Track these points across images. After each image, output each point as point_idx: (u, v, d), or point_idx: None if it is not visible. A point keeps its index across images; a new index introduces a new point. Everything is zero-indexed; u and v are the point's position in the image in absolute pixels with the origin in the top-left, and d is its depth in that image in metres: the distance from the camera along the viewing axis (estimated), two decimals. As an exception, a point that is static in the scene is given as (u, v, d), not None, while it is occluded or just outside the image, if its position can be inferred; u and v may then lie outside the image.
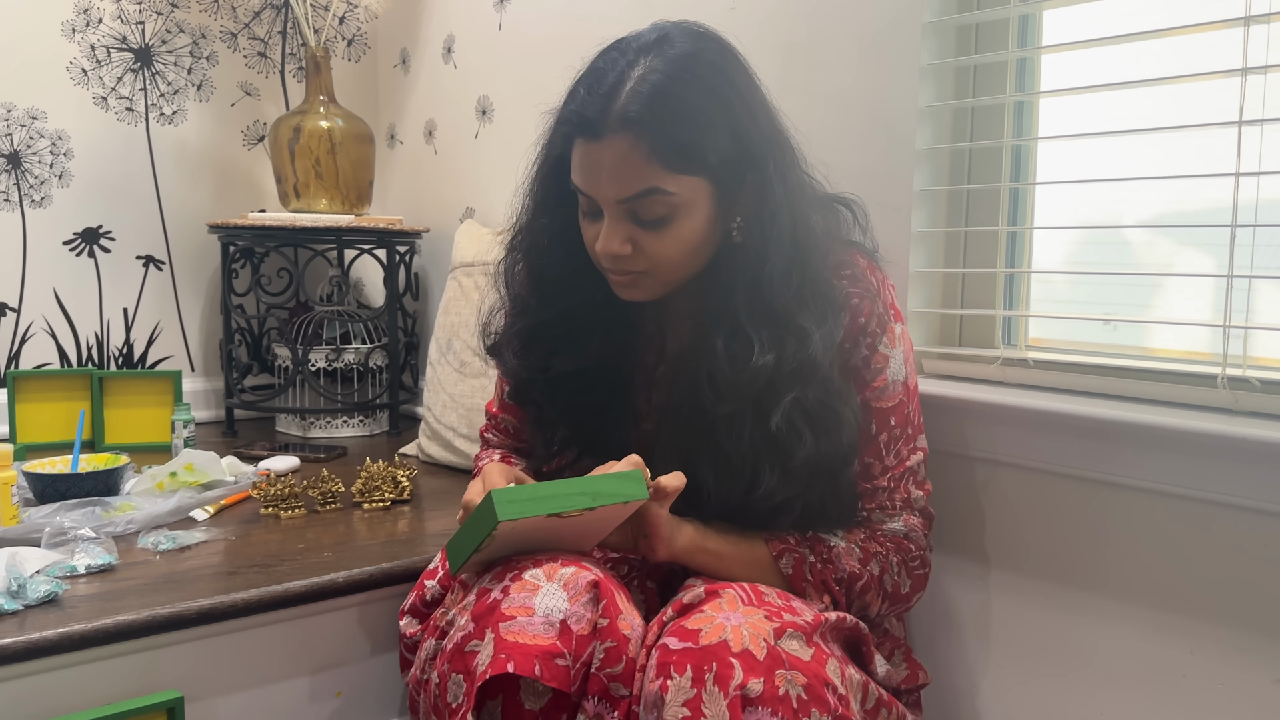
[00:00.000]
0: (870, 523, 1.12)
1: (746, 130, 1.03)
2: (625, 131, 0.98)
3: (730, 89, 1.03)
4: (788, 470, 1.03)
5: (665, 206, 1.01)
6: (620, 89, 0.99)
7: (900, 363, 1.12)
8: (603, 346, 1.14)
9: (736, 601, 0.93)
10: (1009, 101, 1.29)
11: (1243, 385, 1.09)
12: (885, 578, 1.09)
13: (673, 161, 0.99)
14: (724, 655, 0.86)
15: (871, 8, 1.35)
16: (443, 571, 1.16)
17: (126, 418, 2.01)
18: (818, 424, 1.03)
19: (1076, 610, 1.19)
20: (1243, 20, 1.06)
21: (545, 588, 0.93)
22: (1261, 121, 1.05)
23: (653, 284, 1.07)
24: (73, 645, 1.07)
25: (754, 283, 1.04)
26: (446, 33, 2.22)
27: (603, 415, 1.16)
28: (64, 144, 2.12)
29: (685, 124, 0.99)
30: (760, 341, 1.03)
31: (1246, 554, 1.05)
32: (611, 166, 1.00)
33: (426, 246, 2.33)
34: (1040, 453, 1.19)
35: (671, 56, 1.01)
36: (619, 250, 1.03)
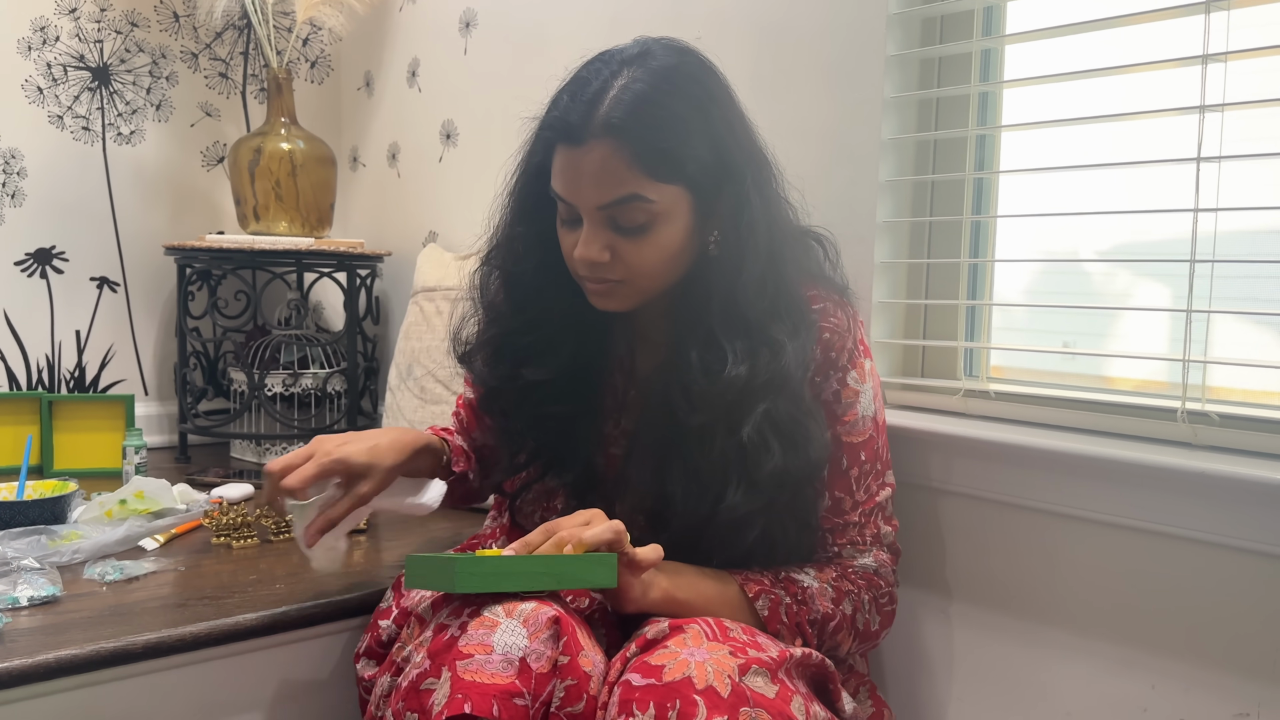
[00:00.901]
0: (841, 559, 1.12)
1: (725, 142, 1.04)
2: (607, 137, 0.99)
3: (711, 101, 1.04)
4: (754, 483, 1.03)
5: (645, 214, 1.02)
6: (604, 96, 1.00)
7: (870, 398, 1.12)
8: (573, 358, 1.13)
9: (701, 637, 0.91)
10: (970, 135, 1.30)
11: (1202, 419, 1.09)
12: (858, 616, 1.09)
13: (653, 169, 1.00)
14: (688, 693, 0.85)
15: (835, 41, 1.36)
16: (397, 611, 1.13)
17: (76, 442, 1.96)
18: (786, 437, 1.04)
19: (1039, 643, 1.19)
20: (1200, 59, 1.07)
21: (504, 624, 0.90)
22: (1219, 158, 1.07)
23: (629, 293, 1.07)
24: (12, 681, 1.03)
25: (729, 294, 1.04)
26: (411, 56, 2.21)
27: (570, 430, 1.15)
28: (17, 163, 2.08)
29: (667, 132, 1.00)
30: (734, 352, 1.03)
31: (1207, 588, 1.05)
32: (593, 172, 1.00)
33: (388, 270, 2.30)
34: (1002, 485, 1.20)
35: (654, 68, 1.02)
36: (597, 257, 1.03)
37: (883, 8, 1.31)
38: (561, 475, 1.15)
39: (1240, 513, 1.01)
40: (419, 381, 1.88)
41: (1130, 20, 1.15)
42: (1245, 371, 1.13)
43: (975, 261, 1.32)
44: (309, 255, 2.07)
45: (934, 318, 1.37)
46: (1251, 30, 1.08)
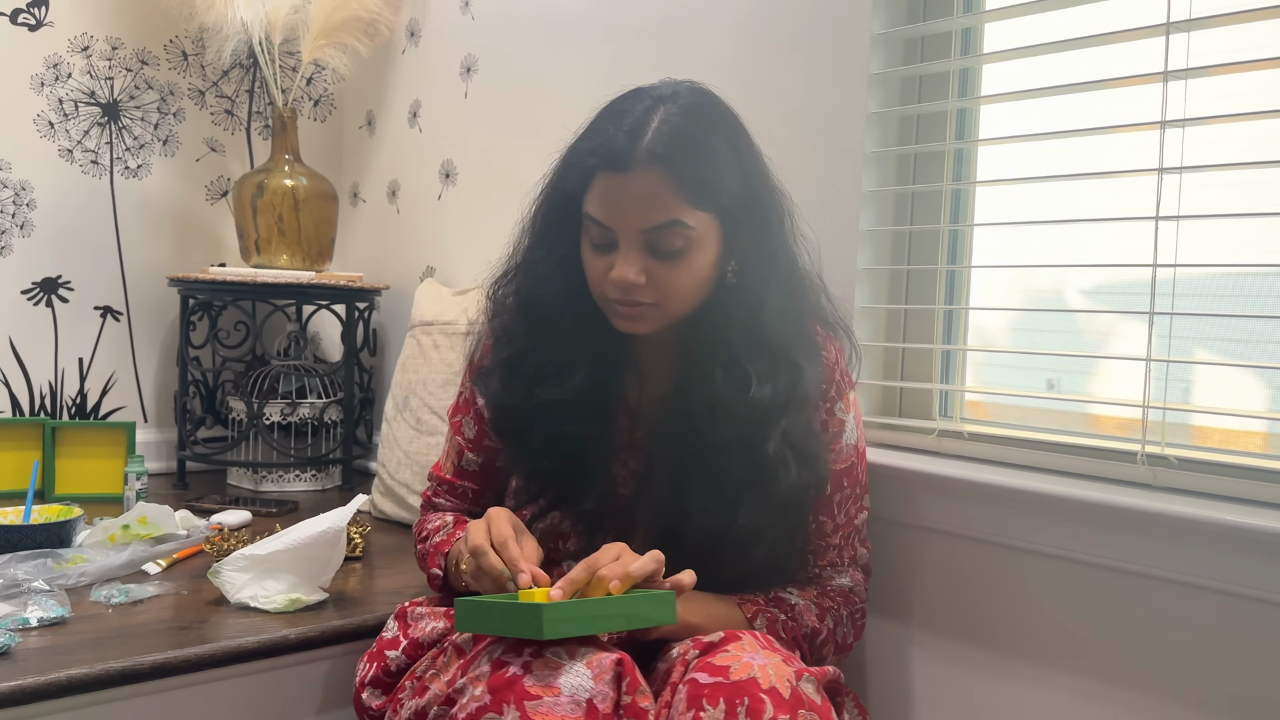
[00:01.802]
0: (820, 579, 1.20)
1: (752, 176, 1.12)
2: (653, 166, 1.05)
3: (739, 137, 1.13)
4: (769, 497, 1.10)
5: (683, 239, 1.07)
6: (646, 127, 1.07)
7: (853, 427, 1.20)
8: (588, 380, 1.16)
9: (755, 645, 0.97)
10: (946, 189, 1.37)
11: (1161, 462, 1.16)
12: (838, 630, 1.18)
13: (693, 196, 1.06)
14: (755, 691, 0.91)
15: (819, 96, 1.43)
16: (406, 641, 1.15)
17: (78, 468, 2.01)
18: (801, 454, 1.11)
19: (1008, 676, 1.24)
20: (1159, 124, 1.15)
21: (569, 665, 0.94)
22: (1177, 217, 1.14)
23: (657, 316, 1.12)
24: (25, 698, 1.08)
25: (752, 319, 1.12)
26: (413, 98, 2.28)
27: (583, 457, 1.17)
28: (27, 194, 2.14)
29: (705, 162, 1.07)
30: (757, 374, 1.10)
31: (1167, 624, 1.11)
32: (638, 198, 1.06)
33: (385, 303, 2.36)
34: (973, 522, 1.25)
35: (687, 105, 1.10)
36: (635, 279, 1.08)
37: (863, 69, 1.38)
38: (572, 508, 1.18)
39: (1196, 552, 1.07)
40: (415, 413, 1.94)
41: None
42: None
43: (950, 308, 1.39)
44: (310, 288, 2.13)
45: (911, 361, 1.43)
46: (1210, 99, 1.16)
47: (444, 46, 2.18)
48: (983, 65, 1.36)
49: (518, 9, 1.99)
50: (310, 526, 1.37)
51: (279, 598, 1.34)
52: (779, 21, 1.49)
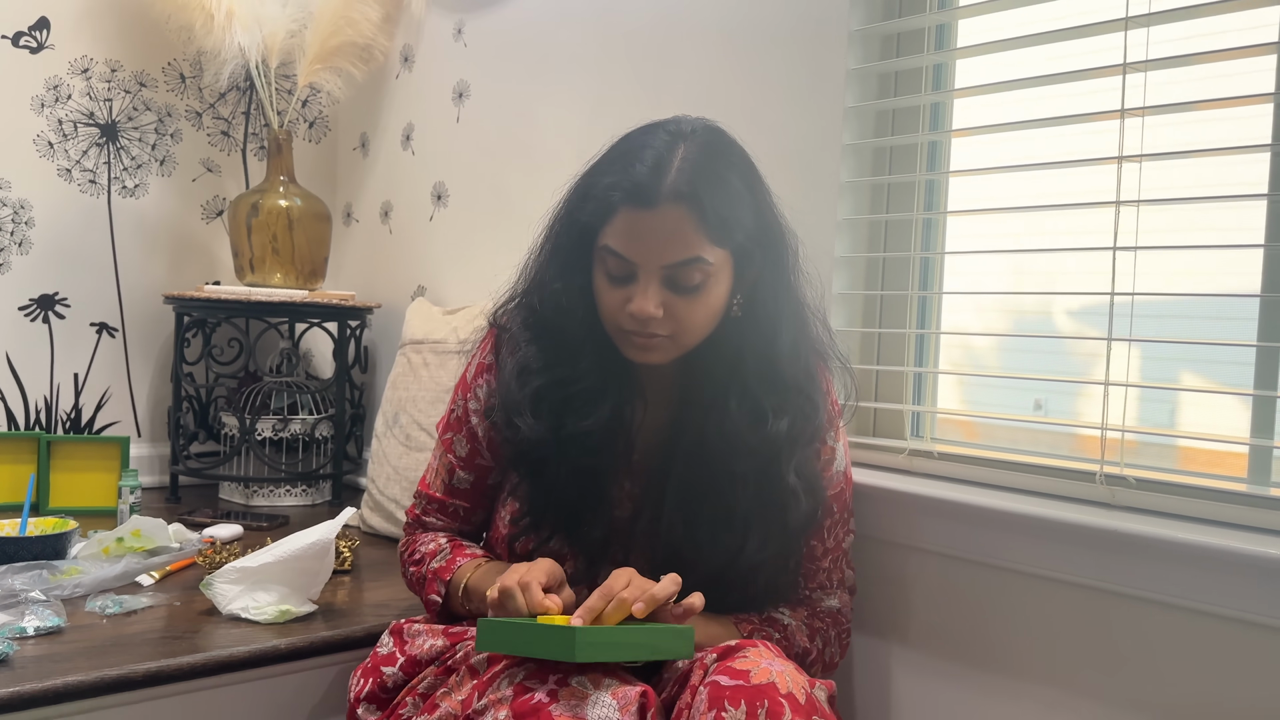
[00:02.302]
0: (811, 600, 1.25)
1: (765, 213, 1.16)
2: (678, 203, 1.08)
3: (753, 175, 1.16)
4: (778, 528, 1.15)
5: (701, 274, 1.10)
6: (669, 164, 1.09)
7: (842, 454, 1.26)
8: (613, 409, 1.17)
9: (771, 654, 1.01)
10: (917, 218, 1.43)
11: (1119, 482, 1.21)
12: (826, 650, 1.23)
13: (714, 234, 1.09)
14: (774, 695, 0.95)
15: (797, 128, 1.49)
16: (403, 658, 1.17)
17: (72, 482, 2.04)
18: (810, 486, 1.17)
19: (977, 688, 1.29)
20: (1115, 159, 1.20)
21: (594, 696, 0.96)
22: (1135, 248, 1.19)
23: (670, 347, 1.15)
24: (22, 704, 1.12)
25: (766, 353, 1.16)
26: (406, 121, 2.34)
27: (594, 486, 1.18)
28: (26, 212, 2.18)
29: (725, 200, 1.10)
30: (773, 408, 1.15)
31: (1123, 635, 1.16)
32: (663, 234, 1.08)
33: (377, 321, 2.41)
34: (941, 538, 1.30)
35: (705, 142, 1.13)
36: (654, 312, 1.10)
37: (839, 101, 1.44)
38: (578, 536, 1.18)
39: (1151, 568, 1.12)
40: (404, 429, 1.98)
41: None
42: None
43: (921, 333, 1.44)
44: (303, 306, 2.17)
45: (884, 382, 1.49)
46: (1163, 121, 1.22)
47: (437, 72, 2.24)
48: (954, 100, 1.42)
49: (509, 38, 2.05)
50: (300, 539, 1.41)
51: (269, 609, 1.38)
52: (759, 55, 1.55)
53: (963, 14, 1.39)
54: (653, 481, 1.20)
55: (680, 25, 1.68)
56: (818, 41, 1.47)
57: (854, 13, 1.43)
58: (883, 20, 1.44)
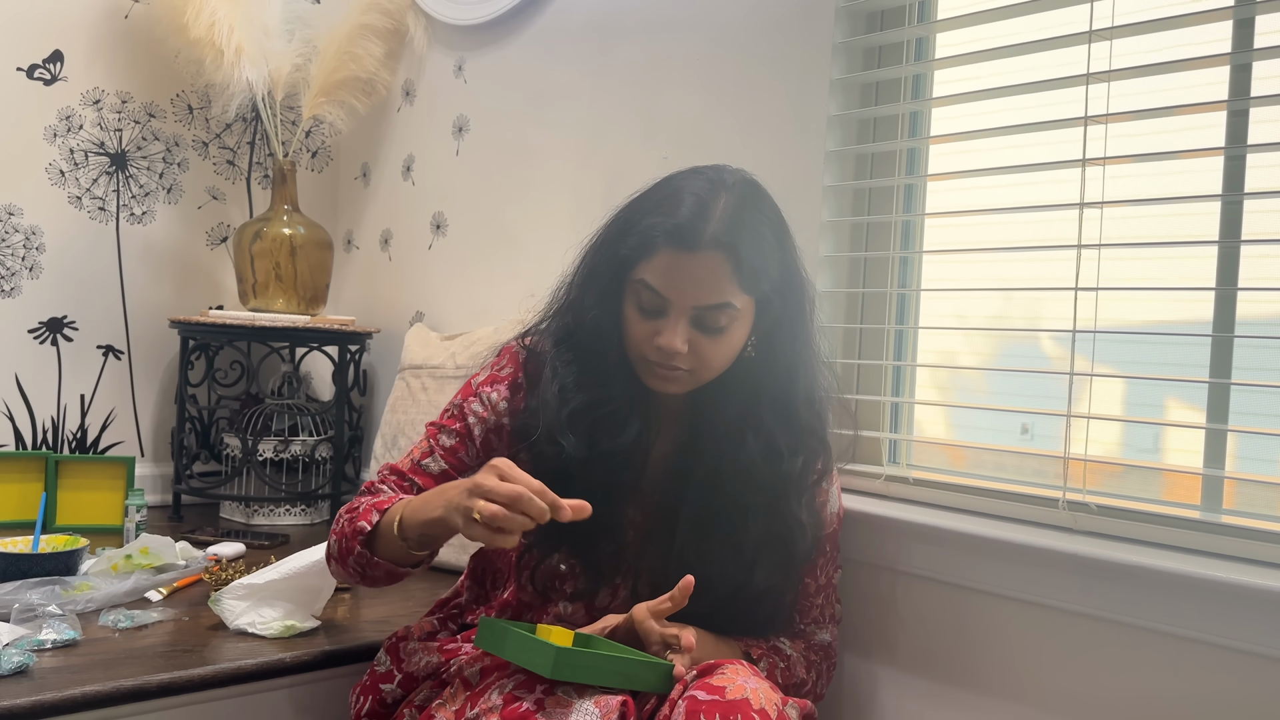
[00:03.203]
0: (806, 634, 1.32)
1: (790, 265, 1.23)
2: (717, 251, 1.14)
3: (782, 228, 1.23)
4: (783, 560, 1.22)
5: (728, 318, 1.17)
6: (712, 212, 1.16)
7: (835, 496, 1.33)
8: (639, 431, 1.23)
9: (748, 672, 1.08)
10: (894, 256, 1.51)
11: (1081, 508, 1.28)
12: (818, 684, 1.31)
13: (745, 282, 1.16)
14: (747, 710, 1.01)
15: (780, 168, 1.57)
16: (401, 675, 1.24)
17: (79, 500, 2.10)
18: (814, 520, 1.25)
19: (945, 702, 1.36)
20: (1077, 205, 1.29)
21: (579, 704, 1.03)
22: (1096, 289, 1.28)
23: (690, 381, 1.21)
24: (44, 713, 1.18)
25: (784, 395, 1.23)
26: (407, 153, 2.42)
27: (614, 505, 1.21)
28: (37, 238, 2.25)
29: (758, 251, 1.17)
30: (787, 446, 1.22)
31: (1085, 654, 1.23)
32: (700, 278, 1.15)
33: (376, 346, 2.48)
34: (915, 560, 1.38)
35: (743, 195, 1.19)
36: (680, 348, 1.17)
37: (820, 145, 1.52)
38: (586, 555, 1.23)
39: (1110, 590, 1.19)
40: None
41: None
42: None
43: (898, 364, 1.52)
44: (304, 331, 2.24)
45: (863, 411, 1.56)
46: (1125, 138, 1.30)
47: (438, 106, 2.32)
48: (929, 146, 1.50)
49: (508, 75, 2.13)
50: (303, 558, 1.48)
51: (275, 624, 1.45)
52: (746, 97, 1.63)
53: (937, 66, 1.48)
54: (663, 509, 1.26)
55: (672, 65, 1.77)
56: (801, 88, 1.55)
57: (836, 63, 1.52)
58: (862, 70, 1.53)
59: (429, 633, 1.32)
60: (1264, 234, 1.19)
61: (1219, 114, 1.22)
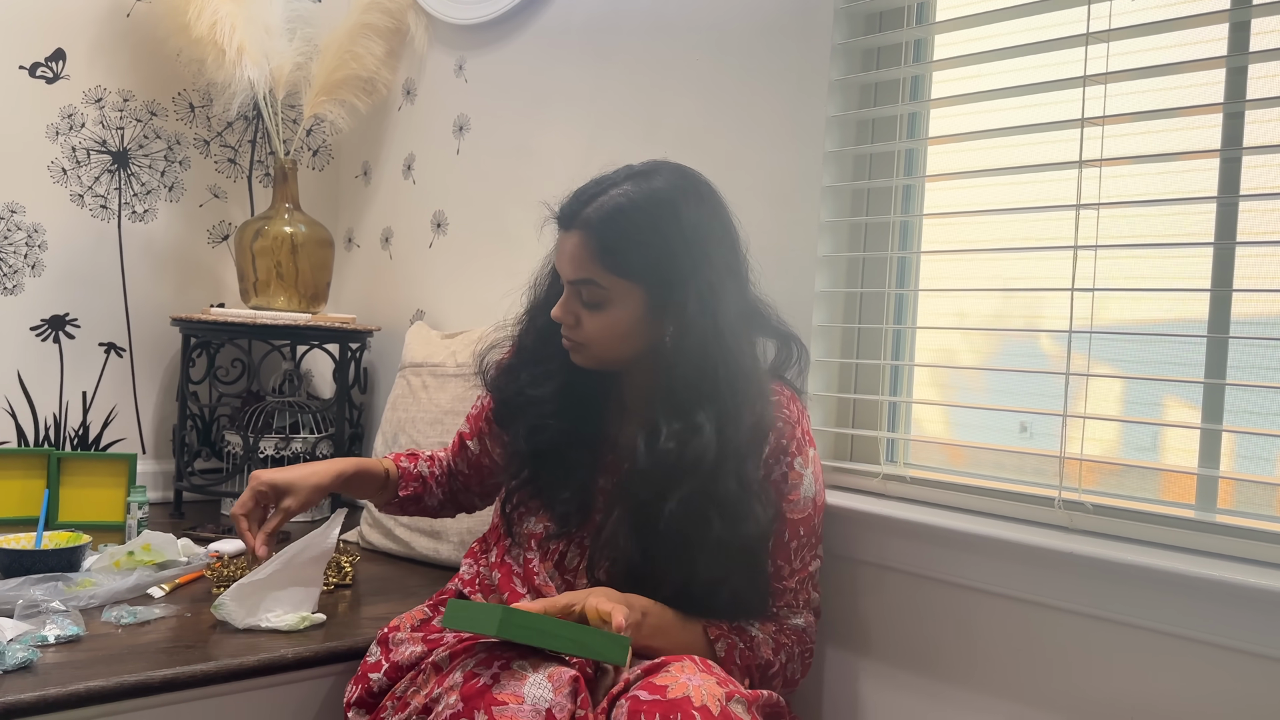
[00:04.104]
0: (779, 618, 1.32)
1: (678, 258, 1.25)
2: (581, 230, 1.27)
3: (675, 222, 1.26)
4: (707, 550, 1.22)
5: (599, 295, 1.27)
6: (592, 201, 1.27)
7: (811, 481, 1.33)
8: (565, 387, 1.36)
9: (694, 668, 1.10)
10: (891, 257, 1.52)
11: (1077, 507, 1.29)
12: (789, 666, 1.30)
13: (607, 263, 1.25)
14: (687, 708, 1.03)
15: (779, 169, 1.58)
16: (388, 665, 1.28)
17: (81, 497, 2.11)
18: (727, 512, 1.23)
19: (943, 700, 1.37)
20: (1074, 206, 1.30)
21: (532, 678, 1.08)
22: (1093, 289, 1.29)
23: (588, 354, 1.32)
24: (47, 707, 1.19)
25: (668, 384, 1.26)
26: (408, 151, 2.43)
27: (564, 454, 1.34)
28: (39, 236, 2.26)
29: (625, 239, 1.25)
30: (668, 432, 1.24)
31: (1079, 652, 1.24)
32: (570, 254, 1.28)
33: (376, 344, 2.49)
34: (911, 558, 1.39)
35: (644, 188, 1.27)
36: (564, 318, 1.30)
37: (819, 146, 1.53)
38: (550, 498, 1.35)
39: (1104, 588, 1.21)
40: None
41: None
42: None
43: (896, 364, 1.53)
44: (305, 329, 2.25)
45: (861, 410, 1.57)
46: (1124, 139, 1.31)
47: (438, 106, 2.33)
48: (928, 147, 1.51)
49: (508, 75, 2.14)
50: (296, 547, 1.48)
51: (289, 616, 1.46)
52: (744, 100, 1.64)
53: (936, 67, 1.49)
54: (615, 495, 1.32)
55: (672, 66, 1.78)
56: (800, 88, 1.56)
57: (834, 64, 1.53)
58: (861, 71, 1.54)
59: (421, 620, 1.36)
60: (1259, 235, 1.20)
61: (1215, 116, 1.23)
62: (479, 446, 1.53)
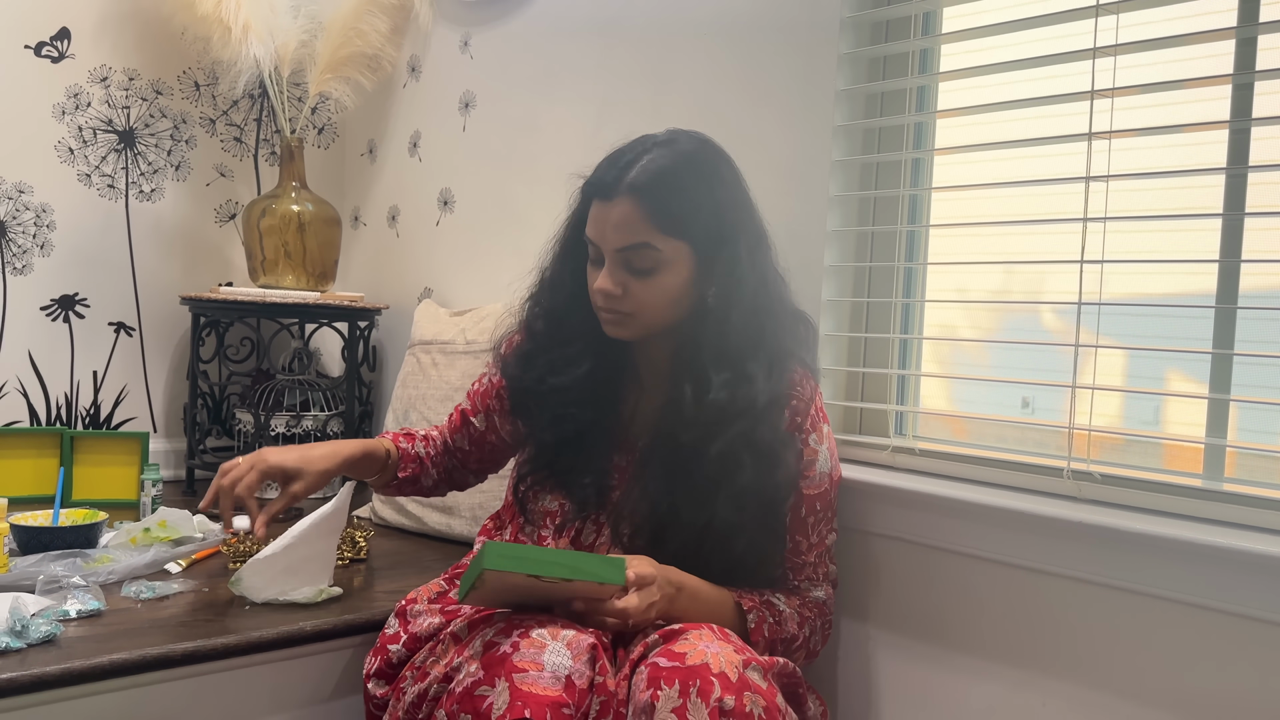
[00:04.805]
0: (800, 591, 1.36)
1: (728, 215, 1.29)
2: (630, 196, 1.25)
3: (717, 181, 1.30)
4: (735, 494, 1.25)
5: (652, 260, 1.26)
6: (633, 166, 1.27)
7: (827, 457, 1.35)
8: (589, 373, 1.35)
9: (712, 636, 1.12)
10: (901, 230, 1.53)
11: (1085, 477, 1.31)
12: (812, 639, 1.34)
13: (663, 224, 1.25)
14: (705, 674, 1.06)
15: (788, 144, 1.58)
16: (406, 636, 1.30)
17: (94, 475, 2.13)
18: (761, 456, 1.27)
19: (952, 667, 1.39)
20: (1083, 178, 1.30)
21: (551, 645, 1.10)
22: (1101, 261, 1.29)
23: (635, 325, 1.30)
24: (72, 680, 1.21)
25: (718, 335, 1.28)
26: (413, 129, 2.43)
27: (583, 440, 1.35)
28: (47, 216, 2.27)
29: (678, 197, 1.26)
30: (717, 382, 1.27)
31: (1087, 620, 1.26)
32: (618, 222, 1.26)
33: (384, 322, 2.50)
34: (920, 529, 1.40)
35: (677, 150, 1.29)
36: (612, 290, 1.28)
37: (828, 120, 1.53)
38: (569, 486, 1.35)
39: (1113, 557, 1.22)
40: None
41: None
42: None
43: (905, 338, 1.54)
44: (314, 308, 2.26)
45: (870, 384, 1.58)
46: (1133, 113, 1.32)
47: (444, 82, 2.33)
48: (936, 120, 1.52)
49: (514, 50, 2.14)
50: (308, 521, 1.49)
51: (308, 590, 1.48)
52: (754, 73, 1.64)
53: (945, 40, 1.49)
54: (642, 458, 1.34)
55: (680, 40, 1.78)
56: (809, 63, 1.56)
57: (843, 37, 1.53)
58: (870, 45, 1.54)
59: (438, 593, 1.38)
60: (1267, 207, 1.21)
61: (1224, 88, 1.23)
62: (485, 424, 1.53)
